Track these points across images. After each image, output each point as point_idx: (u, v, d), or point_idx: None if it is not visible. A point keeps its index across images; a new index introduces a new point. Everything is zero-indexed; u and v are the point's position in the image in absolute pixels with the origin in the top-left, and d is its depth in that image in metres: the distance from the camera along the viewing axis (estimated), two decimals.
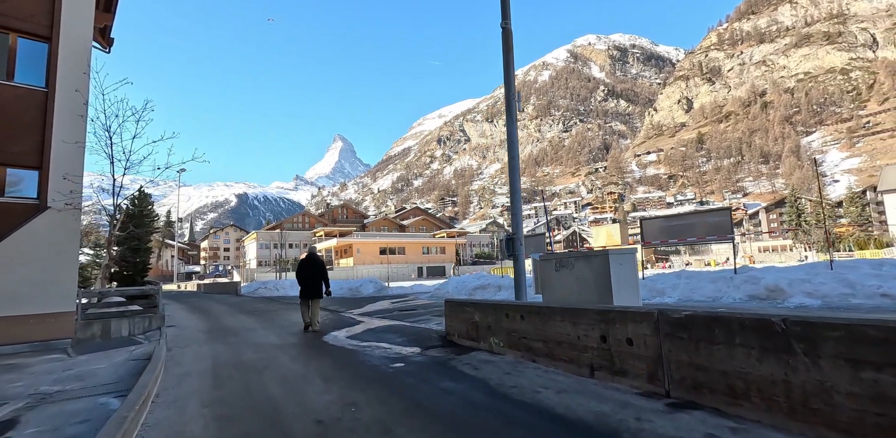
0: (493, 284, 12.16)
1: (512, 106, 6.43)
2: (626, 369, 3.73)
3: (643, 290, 8.88)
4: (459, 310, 6.14)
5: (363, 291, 17.63)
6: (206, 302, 16.72)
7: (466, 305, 5.99)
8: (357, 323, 8.63)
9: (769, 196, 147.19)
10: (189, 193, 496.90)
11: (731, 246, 8.56)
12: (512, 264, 14.94)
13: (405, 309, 11.10)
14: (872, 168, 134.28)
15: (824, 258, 41.15)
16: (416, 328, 7.55)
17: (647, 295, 8.24)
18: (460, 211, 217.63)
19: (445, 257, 54.44)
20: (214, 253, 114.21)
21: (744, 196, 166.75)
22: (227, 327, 8.84)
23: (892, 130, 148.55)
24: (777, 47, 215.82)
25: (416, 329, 7.45)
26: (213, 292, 25.78)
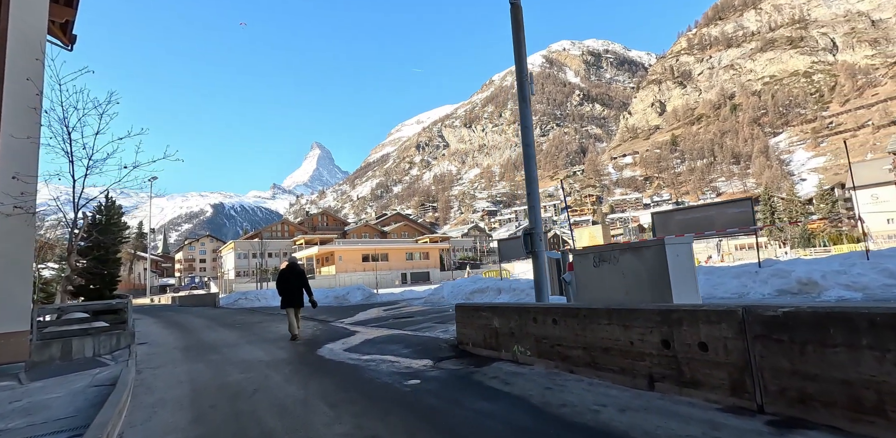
0: (491, 287, 11.50)
1: (525, 88, 5.84)
2: (700, 379, 3.11)
3: None
4: (474, 316, 5.46)
5: (351, 299, 16.73)
6: (183, 316, 15.59)
7: (482, 310, 5.31)
8: (352, 334, 7.86)
9: (741, 195, 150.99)
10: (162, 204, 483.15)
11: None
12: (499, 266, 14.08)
13: (401, 316, 10.35)
14: (837, 166, 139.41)
15: (804, 254, 41.88)
16: (420, 337, 6.83)
17: None
18: (441, 216, 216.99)
19: (429, 262, 53.63)
20: (190, 264, 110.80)
21: (717, 195, 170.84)
22: (206, 343, 7.94)
23: (853, 130, 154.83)
24: (744, 52, 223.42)
25: (420, 338, 6.73)
26: (190, 305, 24.40)
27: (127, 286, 71.62)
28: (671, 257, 4.09)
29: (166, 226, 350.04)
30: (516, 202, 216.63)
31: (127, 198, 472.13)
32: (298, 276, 8.17)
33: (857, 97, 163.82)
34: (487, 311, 5.23)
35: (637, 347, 3.52)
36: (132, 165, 7.72)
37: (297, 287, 8.06)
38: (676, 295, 4.05)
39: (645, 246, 4.27)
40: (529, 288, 10.68)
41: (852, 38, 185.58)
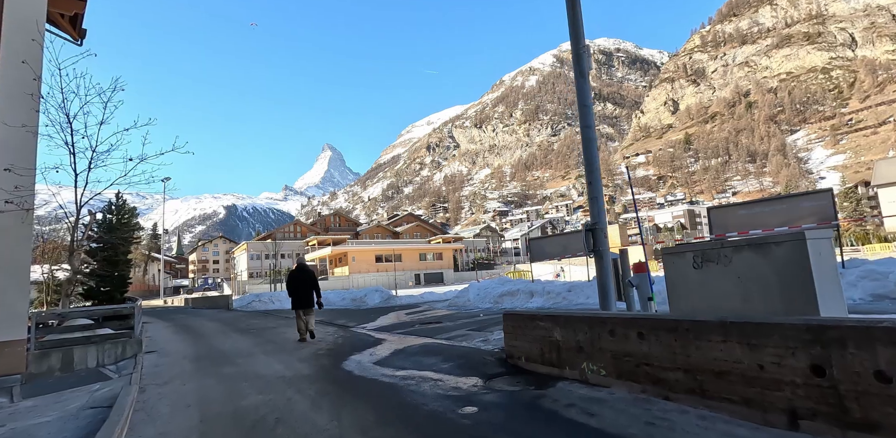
0: (522, 290, 10.68)
1: (583, 61, 5.05)
2: (877, 421, 2.30)
3: None
4: (528, 326, 4.67)
5: (368, 301, 16.00)
6: (195, 320, 15.01)
7: (540, 319, 4.52)
8: (378, 343, 7.11)
9: (757, 194, 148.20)
10: (176, 206, 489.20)
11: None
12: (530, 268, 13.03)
13: (426, 321, 9.58)
14: (858, 164, 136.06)
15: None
16: (458, 348, 6.05)
17: None
18: (452, 217, 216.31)
19: (443, 263, 52.85)
20: (203, 265, 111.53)
21: (733, 195, 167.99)
22: (219, 352, 7.25)
23: (874, 127, 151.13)
24: (759, 48, 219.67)
25: (459, 349, 5.96)
26: (203, 307, 23.90)
27: (141, 287, 71.98)
28: (814, 256, 3.24)
29: (180, 228, 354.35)
30: (527, 202, 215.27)
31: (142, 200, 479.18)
32: (309, 278, 8.18)
33: (877, 93, 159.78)
34: (547, 321, 4.44)
35: (770, 373, 2.70)
36: (139, 158, 7.06)
37: (308, 288, 8.08)
38: (823, 306, 3.20)
39: (774, 242, 3.40)
40: (566, 292, 9.87)
41: (872, 32, 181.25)
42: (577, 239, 10.87)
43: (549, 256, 11.35)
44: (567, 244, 10.81)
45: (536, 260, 11.67)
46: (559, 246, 10.96)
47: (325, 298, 19.32)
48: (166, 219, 47.86)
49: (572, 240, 10.95)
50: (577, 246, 10.51)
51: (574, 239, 10.91)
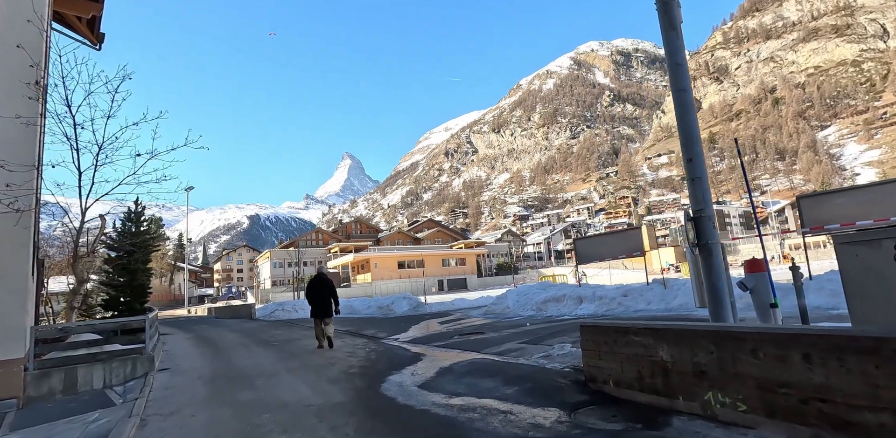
0: (569, 295, 9.60)
1: (672, 12, 4.07)
2: None
3: (820, 295, 6.34)
4: (618, 341, 3.68)
5: (396, 309, 15.09)
6: (217, 330, 14.38)
7: (636, 332, 3.52)
8: (417, 358, 6.18)
9: (787, 193, 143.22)
10: (201, 216, 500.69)
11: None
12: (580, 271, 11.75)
13: (466, 331, 8.61)
14: (894, 159, 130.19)
15: None
16: (516, 365, 5.08)
17: (827, 303, 5.72)
18: (472, 222, 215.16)
19: (466, 269, 51.78)
20: (228, 274, 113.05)
21: (761, 194, 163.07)
22: (238, 370, 6.43)
23: None
24: (784, 43, 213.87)
25: (517, 367, 4.98)
26: (226, 316, 23.40)
27: (167, 297, 72.91)
28: None
29: (205, 238, 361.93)
30: (548, 206, 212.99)
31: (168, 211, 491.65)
32: (328, 286, 8.18)
33: None
34: (646, 335, 3.44)
35: None
36: (149, 153, 6.34)
37: (326, 297, 8.09)
38: None
39: None
40: (622, 297, 8.79)
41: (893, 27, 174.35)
42: (634, 237, 9.78)
43: (600, 257, 10.16)
44: (622, 243, 9.64)
45: (584, 263, 10.55)
46: (613, 245, 9.79)
47: (350, 306, 18.58)
48: (192, 229, 48.35)
49: (628, 239, 9.78)
50: (633, 244, 9.41)
51: (630, 238, 9.76)
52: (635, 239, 9.50)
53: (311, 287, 8.27)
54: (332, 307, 8.15)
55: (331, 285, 8.29)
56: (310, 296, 8.23)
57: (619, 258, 9.87)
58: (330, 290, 8.19)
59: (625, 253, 9.52)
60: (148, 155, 6.44)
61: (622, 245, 9.56)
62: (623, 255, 9.61)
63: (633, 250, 9.47)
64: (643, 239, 9.57)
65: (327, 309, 8.09)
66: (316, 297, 8.12)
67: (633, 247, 9.48)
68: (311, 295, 8.21)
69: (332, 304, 8.14)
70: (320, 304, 8.07)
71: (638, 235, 9.49)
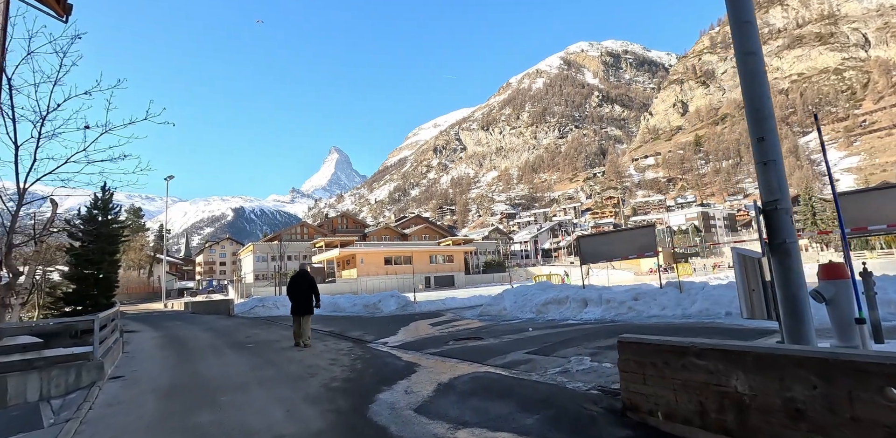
0: (572, 297, 8.88)
1: None
2: None
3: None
4: (674, 363, 2.94)
5: (383, 308, 14.24)
6: (190, 328, 13.38)
7: (698, 353, 2.79)
8: (410, 370, 5.38)
9: None
10: (185, 208, 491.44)
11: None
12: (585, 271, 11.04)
13: (462, 336, 7.84)
14: (872, 166, 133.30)
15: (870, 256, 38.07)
16: (528, 383, 4.31)
17: None
18: (459, 219, 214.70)
19: (454, 266, 51.08)
20: (210, 267, 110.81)
21: (744, 197, 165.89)
22: (202, 381, 5.55)
23: (889, 128, 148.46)
24: (770, 49, 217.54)
25: (530, 385, 4.22)
26: (203, 312, 22.22)
27: (146, 289, 70.84)
28: None
29: (188, 230, 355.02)
30: (535, 205, 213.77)
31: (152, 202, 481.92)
32: (309, 283, 8.11)
33: (892, 94, 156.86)
34: (714, 358, 2.70)
35: None
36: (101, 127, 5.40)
37: (308, 294, 8.02)
38: None
39: None
40: (632, 301, 8.09)
41: (886, 32, 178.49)
42: (646, 236, 9.08)
43: (607, 257, 9.43)
44: (632, 242, 8.90)
45: (589, 263, 9.82)
46: (622, 244, 9.05)
47: (335, 304, 17.70)
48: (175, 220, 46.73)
49: (639, 237, 9.03)
50: (645, 244, 8.67)
51: (642, 236, 9.02)
52: (647, 238, 8.73)
53: (294, 282, 8.11)
54: (314, 303, 8.06)
55: (313, 282, 8.16)
56: (291, 293, 8.07)
57: (630, 258, 9.17)
58: (312, 287, 8.09)
59: (635, 252, 8.76)
60: (100, 128, 5.51)
61: (632, 244, 8.80)
62: (633, 255, 8.87)
63: (645, 250, 8.71)
64: (656, 239, 8.85)
65: (309, 305, 7.98)
66: (298, 293, 7.98)
67: (645, 247, 8.70)
68: (293, 291, 8.05)
69: (313, 300, 8.05)
70: (302, 301, 7.94)
71: (651, 234, 8.74)
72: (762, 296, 3.86)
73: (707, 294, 7.18)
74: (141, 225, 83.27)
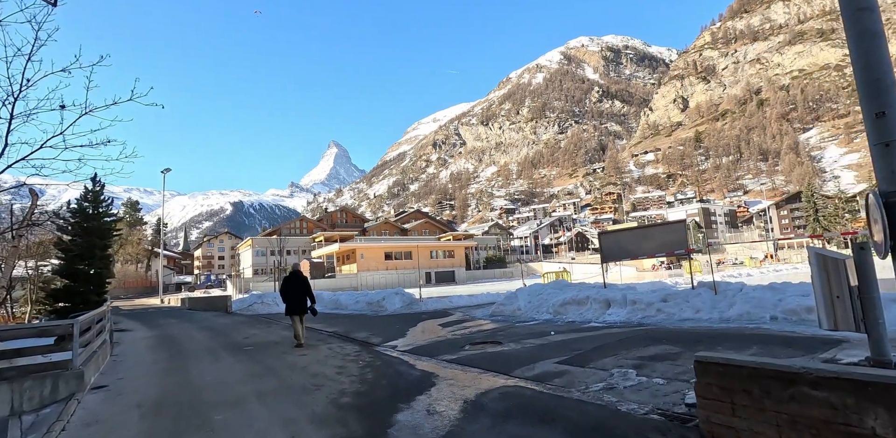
0: (594, 298, 8.27)
1: None
2: None
3: None
4: (778, 392, 2.35)
5: (388, 306, 13.66)
6: (185, 327, 12.80)
7: (815, 383, 2.20)
8: (428, 382, 4.80)
9: (769, 193, 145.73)
10: (183, 202, 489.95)
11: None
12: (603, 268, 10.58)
13: (476, 339, 7.26)
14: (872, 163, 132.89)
15: None
16: (571, 404, 3.73)
17: None
18: (458, 214, 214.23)
19: (454, 261, 50.53)
20: (209, 261, 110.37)
21: (744, 193, 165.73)
22: (194, 393, 4.97)
23: None
24: (771, 45, 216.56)
25: (575, 407, 3.63)
26: (200, 308, 21.62)
27: (143, 283, 70.34)
28: None
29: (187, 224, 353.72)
30: (534, 200, 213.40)
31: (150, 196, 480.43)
32: (302, 284, 8.25)
33: None
34: (838, 389, 2.11)
35: None
36: (80, 106, 4.78)
37: (301, 295, 8.15)
38: None
39: None
40: (660, 302, 7.50)
41: (888, 29, 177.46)
42: (676, 232, 8.43)
43: (632, 255, 8.72)
44: (660, 238, 8.19)
45: (610, 261, 9.20)
46: (649, 240, 8.35)
47: (336, 301, 17.12)
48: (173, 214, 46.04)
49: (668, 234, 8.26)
50: (676, 241, 8.01)
51: (671, 232, 8.28)
52: (678, 235, 8.02)
53: (287, 284, 8.23)
54: (308, 304, 8.20)
55: (306, 283, 8.31)
56: (284, 293, 8.18)
57: (657, 256, 8.52)
58: (305, 288, 8.22)
59: (664, 251, 8.04)
60: (80, 109, 4.88)
61: (661, 241, 8.04)
62: (662, 253, 8.16)
63: (676, 247, 7.97)
64: (688, 235, 8.19)
65: (303, 307, 8.12)
66: (291, 294, 8.09)
67: (675, 244, 7.98)
68: (287, 292, 8.17)
69: (307, 302, 8.19)
70: (296, 302, 8.06)
71: (681, 230, 8.01)
72: (848, 305, 3.30)
73: (747, 296, 6.59)
74: (138, 218, 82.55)
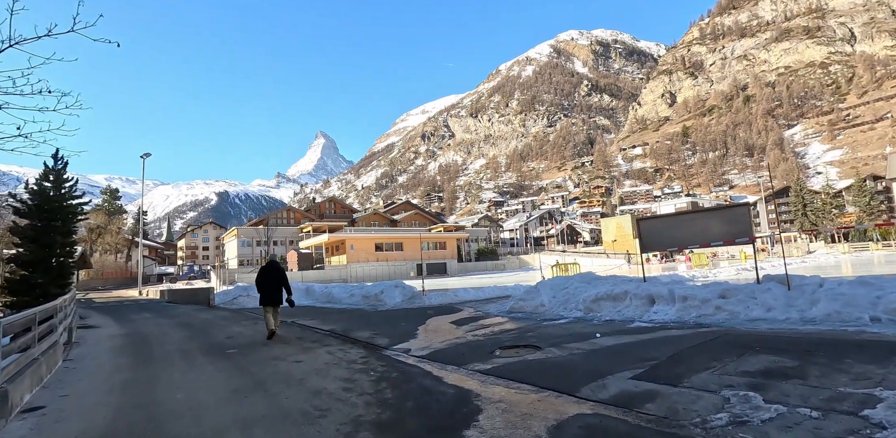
0: (633, 293, 7.12)
1: None
2: None
3: None
4: None
5: (387, 300, 12.43)
6: (160, 323, 11.46)
7: None
8: (471, 407, 3.62)
9: (754, 188, 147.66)
10: (167, 191, 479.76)
11: None
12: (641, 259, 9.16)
13: (505, 342, 6.11)
14: (854, 160, 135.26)
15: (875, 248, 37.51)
16: None
17: None
18: (447, 206, 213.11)
19: (446, 253, 49.44)
20: (192, 252, 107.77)
21: (730, 188, 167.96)
22: (157, 419, 3.72)
23: (871, 122, 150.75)
24: (758, 42, 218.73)
25: None
26: (180, 301, 20.11)
27: (123, 274, 68.02)
28: None
29: (171, 214, 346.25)
30: (523, 193, 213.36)
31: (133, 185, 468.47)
32: (278, 275, 8.12)
33: (875, 89, 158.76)
34: None
35: None
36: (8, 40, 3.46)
37: (276, 285, 8.02)
38: None
39: None
40: (718, 299, 6.41)
41: (871, 27, 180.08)
42: (738, 217, 7.28)
43: (678, 243, 7.59)
44: (717, 225, 7.02)
45: (651, 250, 8.11)
46: (703, 227, 7.18)
47: (329, 294, 15.88)
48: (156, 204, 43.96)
49: (728, 219, 7.07)
50: (737, 227, 6.86)
51: (732, 218, 7.06)
52: (740, 221, 6.90)
53: (262, 275, 8.05)
54: (283, 295, 8.05)
55: (282, 273, 8.16)
56: (260, 284, 8.02)
57: (713, 245, 7.35)
58: (281, 279, 8.07)
59: (722, 239, 6.87)
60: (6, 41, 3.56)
61: (718, 228, 6.92)
62: (720, 242, 6.96)
63: (738, 235, 6.79)
64: (752, 221, 7.02)
65: (278, 298, 7.97)
66: (266, 286, 7.93)
67: (737, 231, 6.84)
68: (262, 282, 8.00)
69: (282, 292, 8.04)
70: (271, 293, 7.90)
71: (746, 215, 6.87)
72: None
73: (832, 292, 5.52)
74: (118, 207, 79.57)
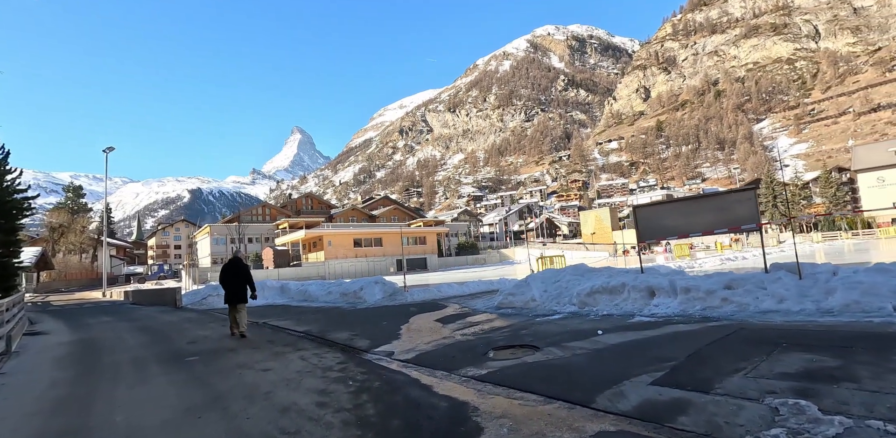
0: (631, 285, 6.65)
1: None
2: None
3: None
4: None
5: (367, 297, 11.75)
6: (118, 328, 10.53)
7: None
8: (470, 424, 3.01)
9: (725, 181, 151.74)
10: (137, 189, 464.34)
11: None
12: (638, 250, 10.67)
13: (498, 341, 5.56)
14: (819, 152, 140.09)
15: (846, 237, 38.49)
16: None
17: None
18: (426, 201, 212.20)
19: (426, 248, 48.83)
20: (163, 251, 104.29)
21: (702, 181, 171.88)
22: None
23: (835, 117, 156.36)
24: (728, 38, 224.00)
25: None
26: (145, 302, 18.92)
27: (89, 275, 65.16)
28: None
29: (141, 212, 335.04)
30: (501, 187, 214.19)
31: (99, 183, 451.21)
32: (243, 272, 8.05)
33: (838, 84, 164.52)
34: None
35: None
36: None
37: (241, 282, 7.93)
38: None
39: None
40: (723, 290, 5.99)
41: (834, 25, 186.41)
42: (742, 203, 6.84)
43: (678, 231, 7.08)
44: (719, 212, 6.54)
45: (650, 239, 7.68)
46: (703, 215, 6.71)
47: (305, 291, 15.07)
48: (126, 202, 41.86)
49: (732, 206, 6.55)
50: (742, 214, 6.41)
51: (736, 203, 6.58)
52: (746, 206, 6.40)
53: (226, 272, 7.94)
54: (248, 293, 7.95)
55: (246, 270, 8.09)
56: (224, 282, 7.90)
57: (717, 233, 6.89)
58: (246, 276, 7.98)
59: (727, 226, 6.41)
60: None
61: (720, 214, 6.45)
62: (724, 229, 6.47)
63: (743, 222, 6.25)
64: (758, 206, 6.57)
65: (243, 295, 7.87)
66: (230, 283, 7.84)
67: (742, 218, 6.36)
68: (226, 280, 7.87)
69: (247, 290, 7.95)
70: (236, 290, 7.81)
71: (752, 200, 6.40)
72: None
73: (849, 280, 5.12)
74: (83, 204, 76.00)
